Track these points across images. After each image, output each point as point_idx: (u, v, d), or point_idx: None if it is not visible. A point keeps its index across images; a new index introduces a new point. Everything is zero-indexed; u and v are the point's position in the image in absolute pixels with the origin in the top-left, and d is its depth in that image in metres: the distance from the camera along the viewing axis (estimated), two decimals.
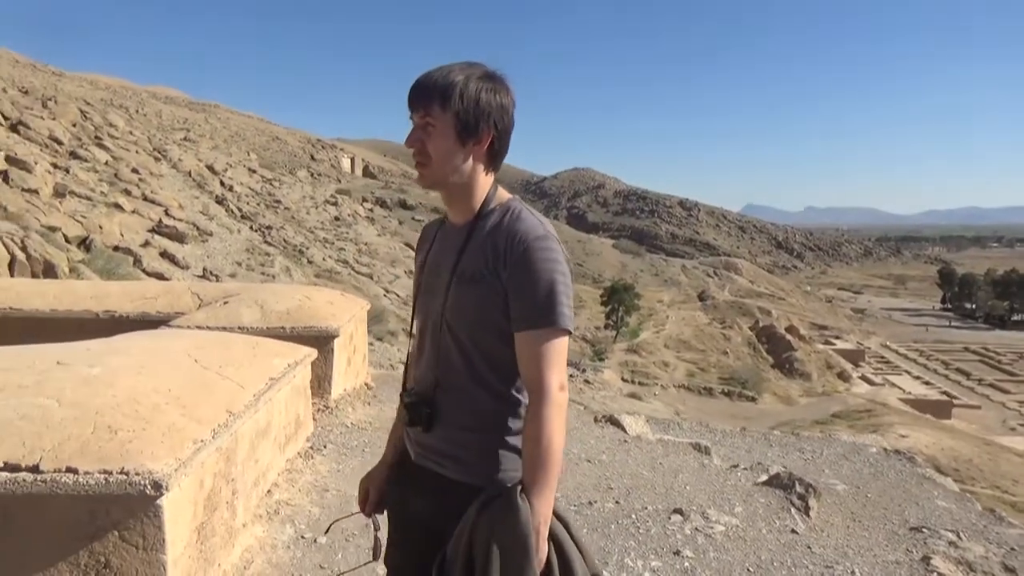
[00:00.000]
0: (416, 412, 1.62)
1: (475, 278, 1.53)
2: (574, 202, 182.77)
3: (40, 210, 23.20)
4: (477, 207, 1.58)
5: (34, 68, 60.91)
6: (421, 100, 1.51)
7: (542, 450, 1.47)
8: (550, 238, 1.51)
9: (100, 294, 5.85)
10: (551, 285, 1.48)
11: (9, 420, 2.37)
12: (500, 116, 1.54)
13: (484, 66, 1.56)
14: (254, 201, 45.99)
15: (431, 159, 1.53)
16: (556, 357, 1.49)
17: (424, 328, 1.67)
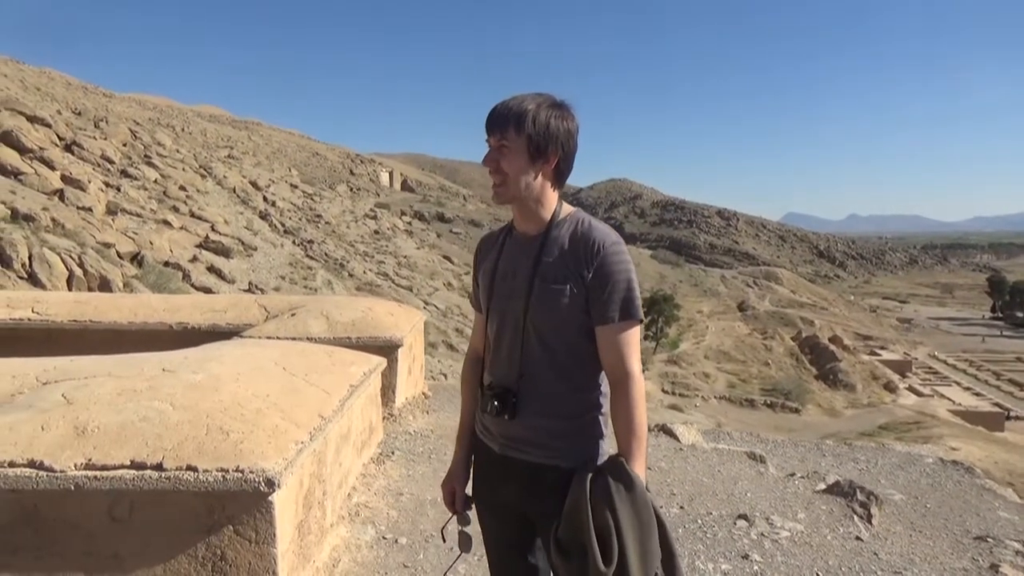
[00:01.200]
0: (503, 401, 1.80)
1: (557, 280, 1.73)
2: (611, 213, 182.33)
3: (95, 227, 24.00)
4: (547, 219, 1.80)
5: (85, 90, 62.99)
6: (498, 125, 1.73)
7: (635, 426, 1.70)
8: (621, 243, 1.76)
9: (172, 307, 6.12)
10: (628, 283, 1.72)
11: (131, 422, 2.56)
12: (566, 140, 1.75)
13: (552, 96, 1.77)
14: (296, 216, 46.84)
15: (507, 177, 1.74)
16: (636, 344, 1.74)
17: (503, 327, 1.84)
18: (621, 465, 1.68)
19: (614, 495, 1.64)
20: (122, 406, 2.68)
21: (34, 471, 2.35)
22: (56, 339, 5.72)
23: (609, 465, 1.70)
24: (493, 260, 1.90)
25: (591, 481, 1.67)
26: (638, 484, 1.66)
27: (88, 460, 2.39)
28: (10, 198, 21.83)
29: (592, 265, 1.70)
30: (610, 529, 1.61)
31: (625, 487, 1.65)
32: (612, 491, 1.64)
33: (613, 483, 1.65)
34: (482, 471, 1.96)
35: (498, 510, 1.93)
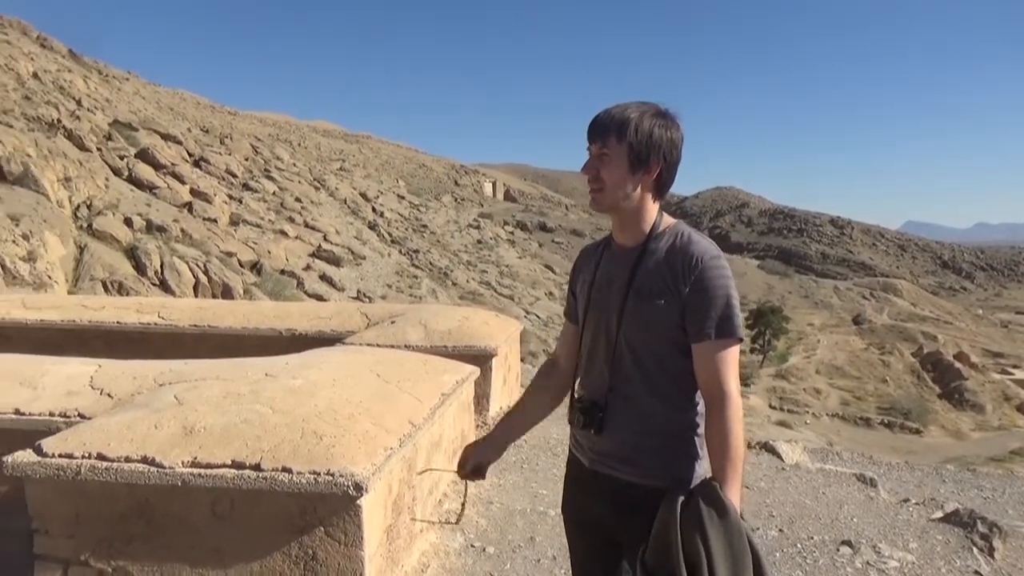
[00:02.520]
0: (590, 415, 1.77)
1: (653, 294, 1.68)
2: (716, 222, 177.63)
3: (219, 237, 25.57)
4: (647, 230, 1.74)
5: (213, 109, 67.36)
6: (599, 133, 1.69)
7: (730, 448, 1.61)
8: (721, 257, 1.68)
9: (282, 314, 6.43)
10: (727, 300, 1.65)
11: (234, 424, 2.71)
12: (669, 150, 1.70)
13: (657, 105, 1.72)
14: (403, 226, 48.27)
15: (605, 185, 1.70)
16: (733, 364, 1.65)
17: (596, 340, 1.81)
18: (714, 489, 1.60)
19: (705, 521, 1.56)
20: (226, 408, 2.84)
21: (147, 467, 2.53)
22: (179, 343, 6.12)
23: (701, 488, 1.63)
24: (591, 272, 1.87)
25: (682, 504, 1.61)
26: (731, 511, 1.57)
27: (194, 458, 2.54)
28: (146, 210, 23.59)
29: (690, 280, 1.64)
30: (701, 557, 1.53)
31: (718, 513, 1.57)
32: (703, 516, 1.57)
33: (705, 508, 1.58)
34: (572, 485, 1.93)
35: (586, 527, 1.89)
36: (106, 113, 31.34)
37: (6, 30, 35.57)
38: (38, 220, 17.89)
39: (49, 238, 17.43)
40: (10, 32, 35.73)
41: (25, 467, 2.58)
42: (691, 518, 1.57)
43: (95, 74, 41.74)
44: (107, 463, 2.55)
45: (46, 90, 28.97)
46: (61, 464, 2.56)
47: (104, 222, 20.81)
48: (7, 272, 14.67)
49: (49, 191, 19.93)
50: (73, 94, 31.17)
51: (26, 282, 14.89)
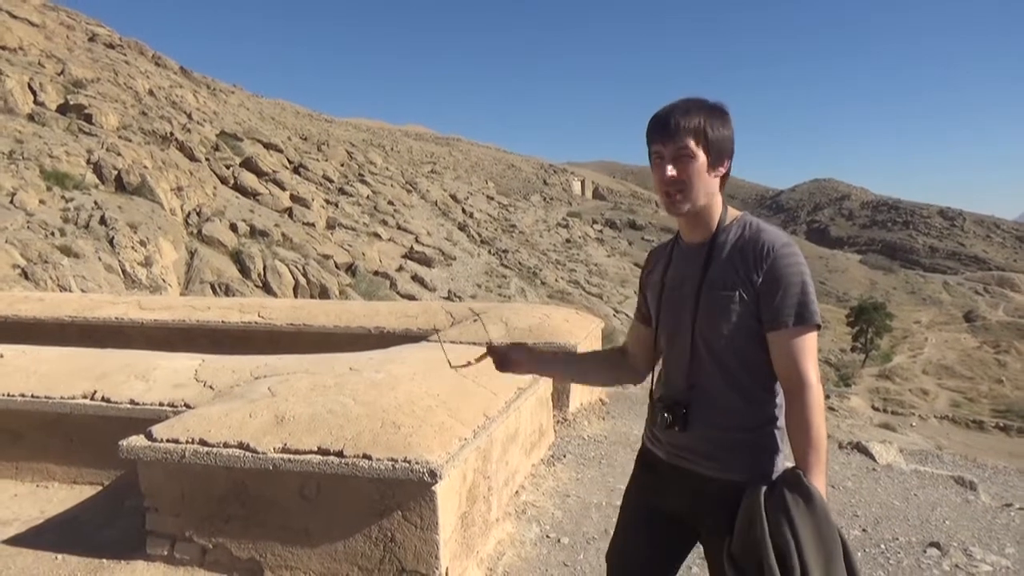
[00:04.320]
0: (674, 413, 1.77)
1: (726, 287, 1.69)
2: (815, 216, 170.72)
3: (316, 240, 26.66)
4: (715, 226, 1.76)
5: (311, 117, 70.12)
6: (675, 134, 1.68)
7: (813, 436, 1.61)
8: (792, 244, 1.69)
9: (371, 313, 6.71)
10: (802, 286, 1.65)
11: (320, 414, 2.91)
12: (732, 146, 1.75)
13: (711, 101, 1.73)
14: (492, 226, 48.82)
15: (690, 187, 1.70)
16: (812, 351, 1.64)
17: (672, 339, 1.81)
18: (799, 477, 1.59)
19: (791, 508, 1.55)
20: (314, 399, 3.05)
21: (243, 452, 2.75)
22: (277, 340, 6.50)
23: (786, 477, 1.62)
24: (661, 272, 1.87)
25: (766, 493, 1.60)
26: (818, 497, 1.56)
27: (284, 445, 2.75)
28: (249, 216, 24.88)
29: (762, 269, 1.65)
30: (790, 546, 1.52)
31: (804, 500, 1.55)
32: (789, 504, 1.55)
33: (790, 495, 1.56)
34: (646, 474, 1.93)
35: (654, 515, 1.88)
36: (214, 125, 33.21)
37: (124, 51, 38.23)
38: (153, 227, 19.19)
39: (163, 244, 18.65)
40: (128, 52, 38.38)
41: (137, 450, 2.86)
42: (776, 506, 1.56)
43: (204, 88, 44.27)
44: (208, 448, 2.79)
45: (160, 105, 30.98)
46: (168, 448, 2.82)
47: (212, 228, 22.09)
48: (127, 276, 15.81)
49: (163, 200, 21.33)
50: (184, 108, 33.19)
51: (143, 285, 16.01)
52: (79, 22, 37.71)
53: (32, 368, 3.91)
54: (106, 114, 24.95)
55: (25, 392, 3.67)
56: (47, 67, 27.03)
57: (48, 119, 22.99)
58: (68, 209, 17.96)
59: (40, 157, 19.46)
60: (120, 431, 3.12)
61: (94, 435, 3.62)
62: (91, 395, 3.61)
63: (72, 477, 3.72)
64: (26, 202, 16.97)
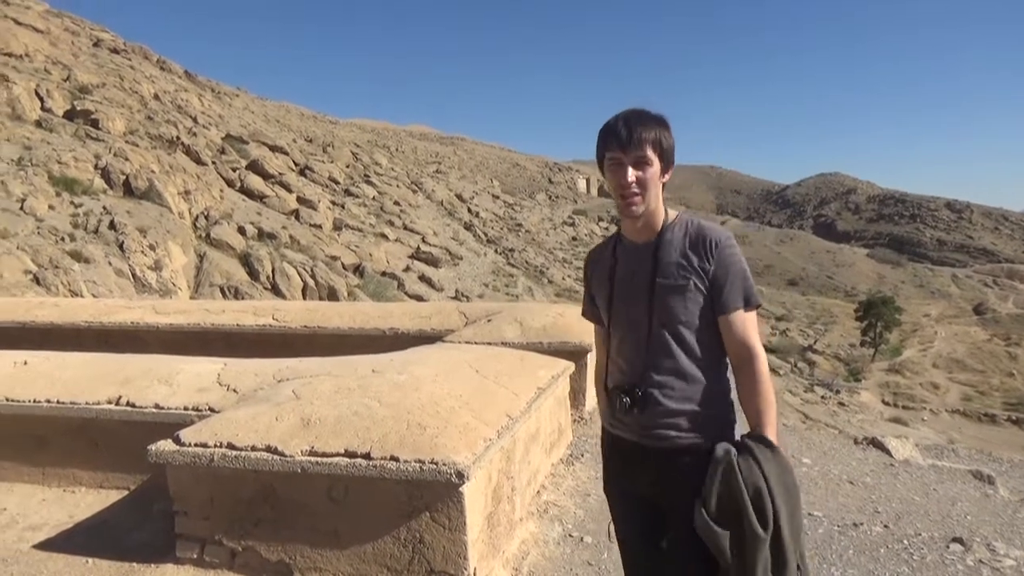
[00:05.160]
0: (632, 396, 1.94)
1: (679, 277, 1.89)
2: (821, 210, 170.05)
3: (324, 242, 26.70)
4: (659, 226, 1.95)
5: (315, 119, 70.23)
6: (637, 142, 1.85)
7: (764, 396, 1.86)
8: (732, 238, 1.94)
9: (384, 314, 6.73)
10: (744, 273, 1.90)
11: (345, 416, 2.93)
12: (674, 153, 1.94)
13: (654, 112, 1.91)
14: (498, 225, 48.82)
15: (648, 191, 1.89)
16: (755, 329, 1.91)
17: (627, 329, 1.98)
18: (761, 434, 1.82)
19: (760, 457, 1.76)
20: (339, 402, 3.07)
21: (270, 455, 2.77)
22: (291, 343, 6.52)
23: (750, 435, 1.84)
24: (607, 270, 2.04)
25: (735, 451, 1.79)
26: (780, 448, 1.79)
27: (312, 447, 2.77)
28: (257, 219, 24.95)
29: (712, 259, 1.86)
30: (763, 492, 1.72)
31: (770, 450, 1.78)
32: (758, 454, 1.77)
33: (757, 447, 1.78)
34: (616, 462, 2.07)
35: (631, 500, 2.04)
36: (219, 128, 33.29)
37: (129, 56, 38.36)
38: (162, 231, 19.25)
39: (172, 248, 18.71)
40: (133, 57, 38.50)
41: (166, 455, 2.89)
42: (747, 457, 1.77)
43: (208, 92, 44.39)
44: (236, 451, 2.81)
45: (166, 110, 31.07)
46: (197, 452, 2.85)
47: (220, 231, 22.15)
48: (137, 280, 15.87)
49: (171, 204, 21.39)
50: (190, 112, 33.28)
51: (153, 289, 16.07)
52: (83, 28, 37.85)
53: (56, 374, 3.94)
54: (113, 119, 25.05)
55: (50, 398, 3.70)
56: (53, 73, 27.14)
57: (55, 125, 23.09)
58: (77, 214, 18.05)
59: (48, 163, 19.56)
60: (145, 436, 3.15)
61: (119, 440, 3.65)
62: (116, 400, 3.64)
63: (99, 482, 3.76)
64: (36, 208, 17.06)
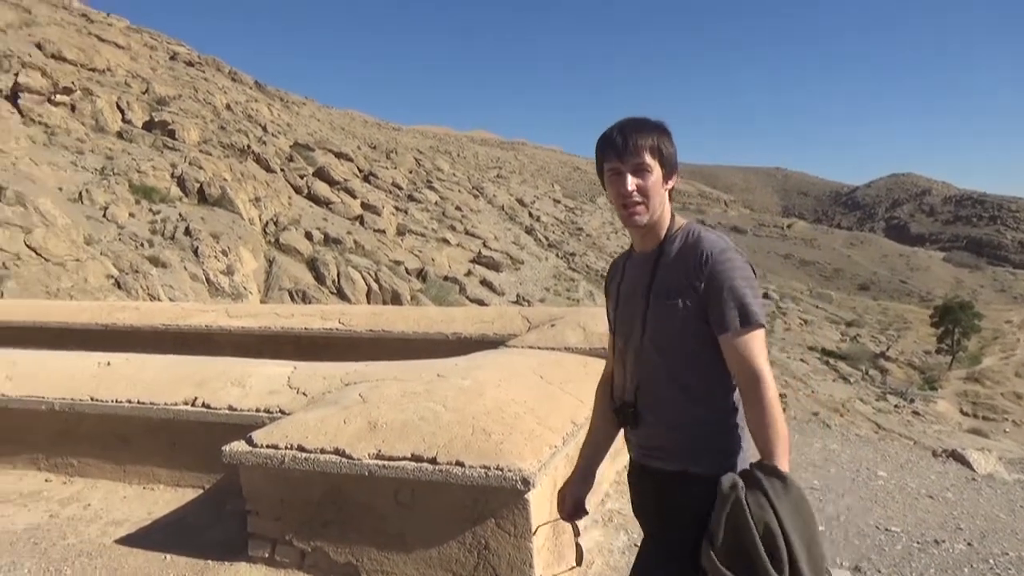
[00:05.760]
0: (624, 414, 1.90)
1: (670, 295, 1.77)
2: (893, 212, 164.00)
3: (387, 247, 27.15)
4: (663, 235, 1.85)
5: (379, 126, 71.54)
6: (635, 151, 1.78)
7: (773, 424, 1.65)
8: (730, 250, 1.75)
9: (448, 318, 6.79)
10: (739, 289, 1.70)
11: (411, 420, 2.96)
12: (676, 160, 1.85)
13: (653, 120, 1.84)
14: (559, 230, 48.75)
15: (650, 199, 1.80)
16: (760, 348, 1.71)
17: (627, 346, 1.90)
18: (771, 464, 1.63)
19: (770, 491, 1.58)
20: (405, 406, 3.10)
21: (338, 458, 2.82)
22: (357, 346, 6.64)
23: (758, 465, 1.65)
24: (617, 283, 1.99)
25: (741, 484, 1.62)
26: (792, 479, 1.60)
27: (379, 451, 2.81)
28: (323, 224, 25.54)
29: (703, 276, 1.72)
30: (775, 531, 1.54)
31: (781, 484, 1.59)
32: (767, 488, 1.59)
33: (766, 480, 1.60)
34: (630, 479, 2.03)
35: (639, 518, 2.00)
36: (287, 137, 34.25)
37: (203, 68, 39.83)
38: (234, 237, 19.90)
39: (244, 253, 19.32)
40: (206, 69, 39.97)
41: (239, 456, 2.97)
42: (756, 492, 1.59)
43: (277, 102, 45.72)
44: (305, 454, 2.87)
45: (237, 119, 32.14)
46: (268, 454, 2.92)
47: (288, 237, 22.77)
48: (211, 284, 16.44)
49: (242, 210, 22.10)
50: (260, 121, 34.34)
51: (226, 293, 16.62)
52: (161, 42, 39.48)
53: (137, 376, 4.11)
54: (188, 129, 26.04)
55: (131, 398, 3.86)
56: (133, 86, 28.39)
57: (135, 136, 24.14)
58: (155, 221, 18.81)
59: (129, 172, 20.45)
60: (220, 436, 3.24)
61: (195, 440, 3.77)
62: (192, 401, 3.76)
63: (176, 480, 3.89)
64: (117, 215, 17.86)
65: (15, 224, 14.97)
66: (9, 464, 4.18)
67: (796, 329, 34.81)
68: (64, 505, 3.72)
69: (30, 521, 3.53)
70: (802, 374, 21.75)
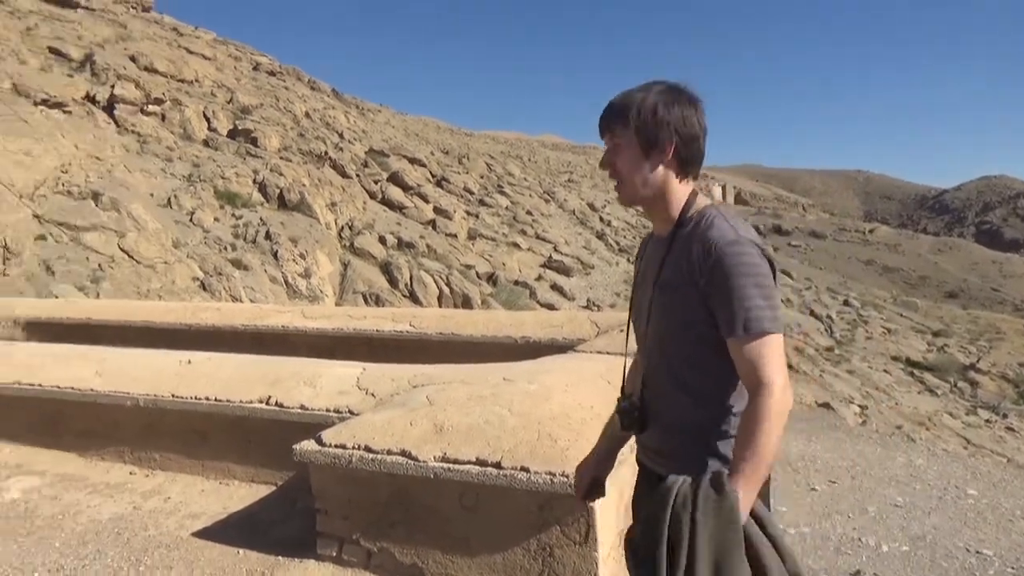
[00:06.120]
0: (625, 416, 1.76)
1: (672, 286, 1.60)
2: (984, 216, 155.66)
3: (459, 251, 27.43)
4: (676, 216, 1.64)
5: (451, 132, 72.44)
6: (607, 123, 1.63)
7: (753, 443, 1.46)
8: (742, 242, 1.52)
9: (517, 322, 6.78)
10: (741, 292, 1.50)
11: (477, 424, 2.95)
12: (681, 123, 1.59)
13: (665, 81, 1.63)
14: (630, 235, 48.24)
15: (622, 175, 1.64)
16: (771, 355, 1.50)
17: (636, 337, 1.79)
18: (719, 477, 1.47)
19: (699, 502, 1.45)
20: (471, 409, 3.09)
21: (405, 459, 2.83)
22: (427, 349, 6.70)
23: (711, 475, 1.50)
24: (636, 267, 1.85)
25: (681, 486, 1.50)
26: (731, 498, 1.43)
27: (444, 454, 2.81)
28: (396, 229, 26.01)
29: (705, 270, 1.52)
30: (683, 539, 1.43)
31: (716, 496, 1.44)
32: (699, 498, 1.45)
33: (703, 490, 1.46)
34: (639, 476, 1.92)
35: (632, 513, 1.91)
36: (363, 143, 35.06)
37: (284, 77, 41.19)
38: (311, 241, 20.48)
39: (320, 257, 19.87)
40: (287, 79, 41.32)
41: (309, 455, 3.02)
42: (684, 499, 1.48)
43: (354, 109, 46.87)
44: (372, 455, 2.90)
45: (315, 126, 33.10)
46: (337, 454, 2.96)
47: (363, 241, 23.29)
48: (289, 287, 16.96)
49: (319, 215, 22.74)
50: (336, 128, 35.26)
51: (303, 295, 17.11)
52: (245, 53, 41.03)
53: (215, 374, 4.25)
54: (269, 137, 26.95)
55: (210, 396, 3.99)
56: (218, 96, 29.60)
57: (220, 144, 25.15)
58: (238, 225, 19.53)
59: (214, 179, 21.31)
60: (291, 435, 3.31)
61: (268, 437, 3.87)
62: (266, 400, 3.86)
63: (250, 476, 4.00)
64: (203, 220, 18.62)
65: (110, 228, 15.81)
66: (98, 456, 4.39)
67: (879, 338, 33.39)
68: (146, 497, 3.87)
69: (115, 511, 3.69)
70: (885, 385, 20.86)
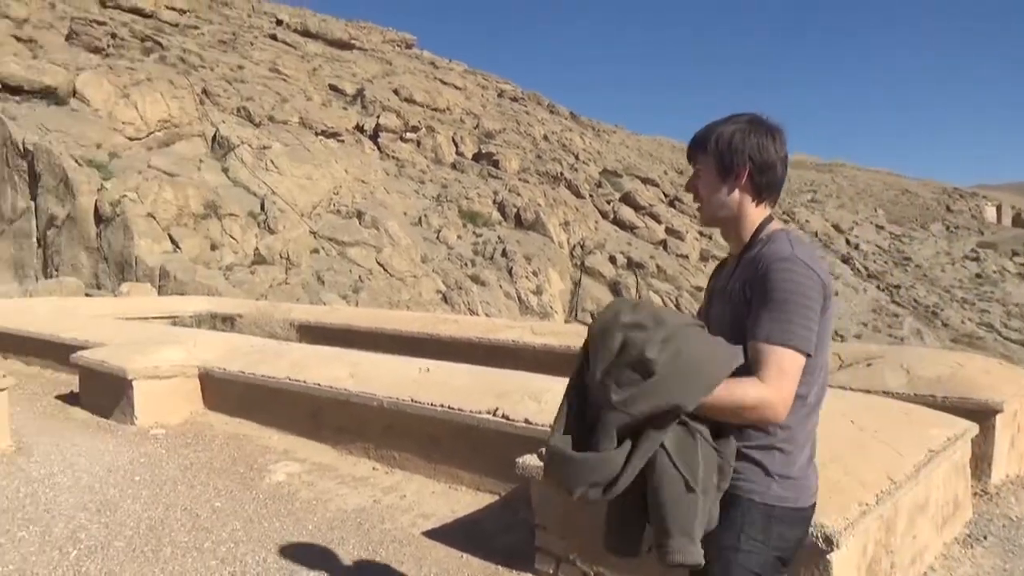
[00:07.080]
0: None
1: (731, 301, 1.64)
2: None
3: (689, 272, 26.80)
4: (747, 238, 1.71)
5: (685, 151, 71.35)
6: (691, 150, 1.77)
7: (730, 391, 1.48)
8: (793, 260, 1.56)
9: None
10: (784, 304, 1.52)
11: None
12: (756, 151, 1.67)
13: (749, 113, 1.72)
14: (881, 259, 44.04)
15: (702, 198, 1.75)
16: (783, 370, 1.49)
17: None
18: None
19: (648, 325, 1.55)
20: None
21: None
22: None
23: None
24: (708, 286, 1.90)
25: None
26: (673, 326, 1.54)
27: None
28: (627, 249, 26.07)
29: (755, 282, 1.58)
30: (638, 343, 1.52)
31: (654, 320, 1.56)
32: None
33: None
34: None
35: None
36: (597, 164, 35.67)
37: (525, 103, 43.24)
38: (544, 259, 21.19)
39: (552, 274, 20.48)
40: (527, 103, 43.33)
41: (531, 469, 3.08)
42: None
43: (589, 131, 47.86)
44: None
45: (552, 148, 34.30)
46: None
47: (594, 260, 23.62)
48: (521, 303, 17.67)
49: (553, 234, 23.47)
50: (572, 150, 36.25)
51: (534, 311, 17.73)
52: (491, 82, 43.73)
53: (449, 382, 4.52)
54: (509, 159, 28.42)
55: (444, 403, 4.24)
56: (466, 122, 31.83)
57: (465, 166, 26.99)
58: (477, 243, 20.79)
59: (459, 199, 22.90)
60: (515, 447, 3.41)
61: (494, 447, 4.01)
62: (493, 411, 4.02)
63: (476, 483, 4.18)
64: (447, 237, 20.08)
65: (370, 244, 17.59)
66: (347, 451, 4.85)
67: None
68: (385, 493, 4.20)
69: (358, 503, 4.05)
70: None
